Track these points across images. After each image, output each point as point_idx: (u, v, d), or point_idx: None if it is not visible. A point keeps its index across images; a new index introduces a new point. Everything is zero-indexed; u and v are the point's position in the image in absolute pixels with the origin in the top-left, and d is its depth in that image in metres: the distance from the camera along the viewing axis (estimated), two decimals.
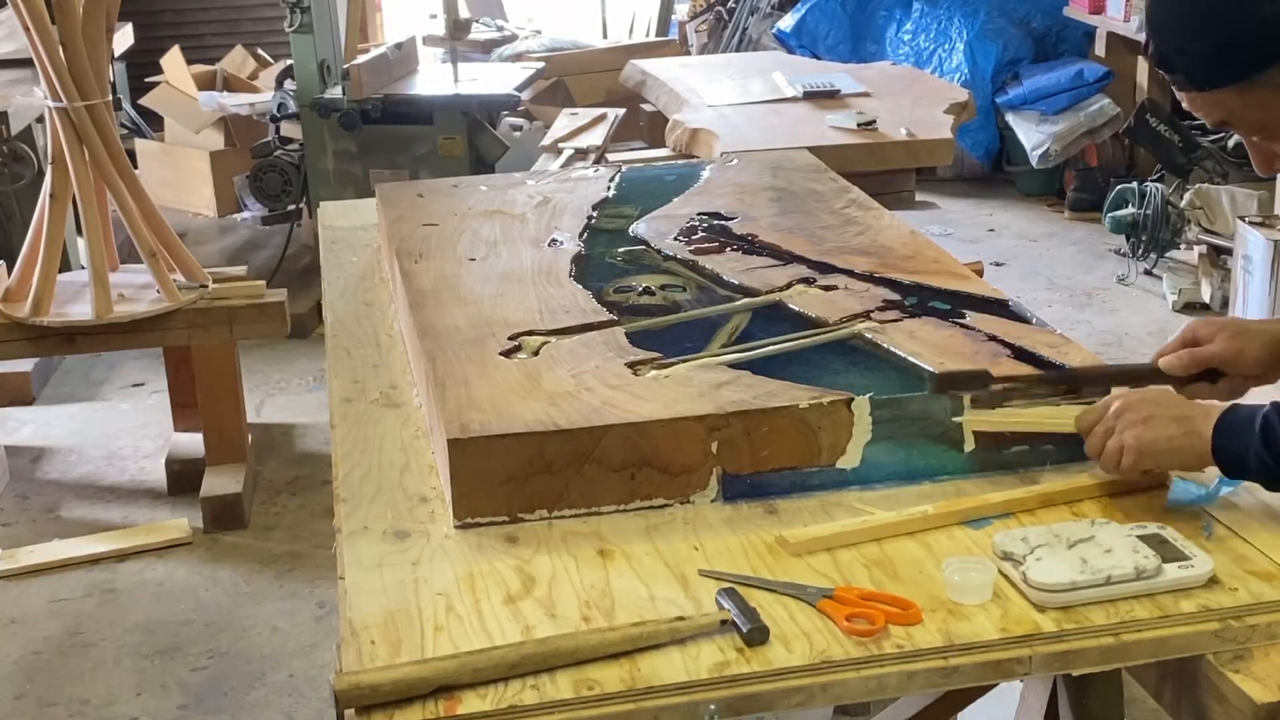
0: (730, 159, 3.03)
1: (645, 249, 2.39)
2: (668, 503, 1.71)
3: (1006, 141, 6.66)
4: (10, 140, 4.60)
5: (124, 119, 6.39)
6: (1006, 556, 1.54)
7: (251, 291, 3.88)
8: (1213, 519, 1.65)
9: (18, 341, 3.78)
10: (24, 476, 4.26)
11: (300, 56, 5.11)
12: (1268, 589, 1.51)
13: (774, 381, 1.79)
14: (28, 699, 3.17)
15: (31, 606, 3.53)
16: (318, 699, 3.12)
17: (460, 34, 5.34)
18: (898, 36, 6.98)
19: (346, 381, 2.12)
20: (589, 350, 1.93)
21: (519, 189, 2.77)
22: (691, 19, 7.90)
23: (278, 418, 4.61)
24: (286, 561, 3.71)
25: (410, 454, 1.88)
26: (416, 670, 1.38)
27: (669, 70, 5.10)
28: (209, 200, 6.61)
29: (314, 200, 4.90)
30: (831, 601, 1.49)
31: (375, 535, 1.68)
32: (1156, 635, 1.47)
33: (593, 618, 1.49)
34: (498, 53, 7.19)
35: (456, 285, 2.21)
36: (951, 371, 1.78)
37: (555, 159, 4.75)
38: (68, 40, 3.61)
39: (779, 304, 2.11)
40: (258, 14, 7.90)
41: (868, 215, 2.53)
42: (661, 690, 1.38)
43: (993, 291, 2.11)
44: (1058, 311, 5.23)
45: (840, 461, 1.74)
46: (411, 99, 5.13)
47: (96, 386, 4.91)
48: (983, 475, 1.77)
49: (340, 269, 2.64)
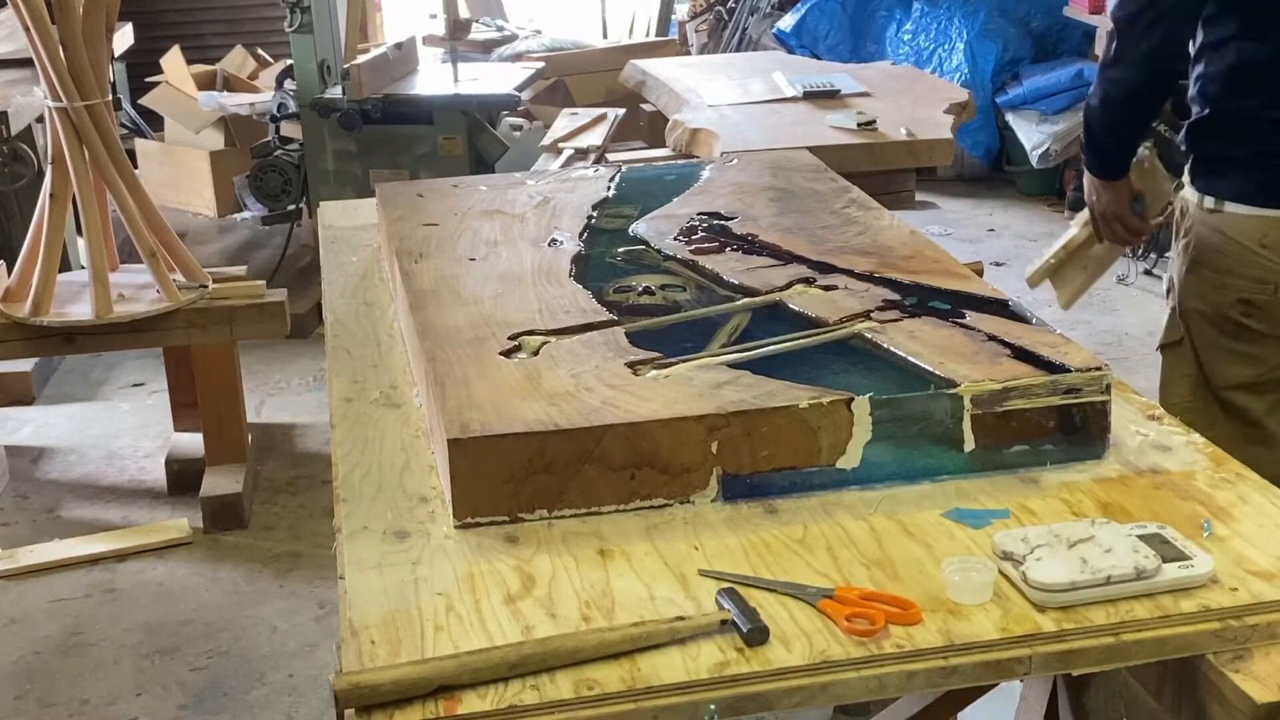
0: (730, 159, 3.03)
1: (645, 249, 2.39)
2: (668, 503, 1.71)
3: (1006, 141, 6.66)
4: (10, 140, 4.61)
5: (124, 119, 6.39)
6: (1006, 556, 1.54)
7: (251, 291, 3.88)
8: (1212, 519, 1.65)
9: (18, 341, 3.78)
10: (24, 476, 4.26)
11: (300, 56, 5.11)
12: (1268, 589, 1.51)
13: (774, 381, 1.79)
14: (28, 699, 3.17)
15: (31, 606, 3.53)
16: (318, 699, 3.12)
17: (460, 34, 5.34)
18: (898, 36, 6.98)
19: (346, 381, 2.12)
20: (589, 350, 1.93)
21: (519, 189, 2.77)
22: (691, 19, 7.90)
23: (278, 418, 4.61)
24: (286, 561, 3.71)
25: (410, 454, 1.88)
26: (416, 670, 1.38)
27: (669, 70, 5.10)
28: (209, 200, 6.61)
29: (314, 200, 4.90)
30: (831, 601, 1.49)
31: (375, 535, 1.68)
32: (1156, 635, 1.47)
33: (593, 618, 1.49)
34: (498, 53, 7.20)
35: (456, 285, 2.21)
36: None
37: (555, 159, 4.75)
38: (68, 40, 3.61)
39: (779, 304, 2.10)
40: (258, 14, 7.90)
41: (868, 215, 2.52)
42: (661, 690, 1.38)
43: (993, 291, 2.11)
44: (1058, 311, 5.21)
45: (840, 461, 1.74)
46: (411, 99, 5.13)
47: (96, 386, 4.91)
48: (983, 475, 1.77)
49: (340, 269, 2.64)
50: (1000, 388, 1.77)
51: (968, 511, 1.69)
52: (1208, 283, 2.49)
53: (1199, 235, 2.50)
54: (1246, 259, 2.44)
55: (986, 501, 1.71)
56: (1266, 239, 2.42)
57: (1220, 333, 2.51)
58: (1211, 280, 2.48)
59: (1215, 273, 2.47)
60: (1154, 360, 2.78)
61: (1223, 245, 2.46)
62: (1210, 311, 2.52)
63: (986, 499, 1.72)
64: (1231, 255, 2.46)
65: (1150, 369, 4.71)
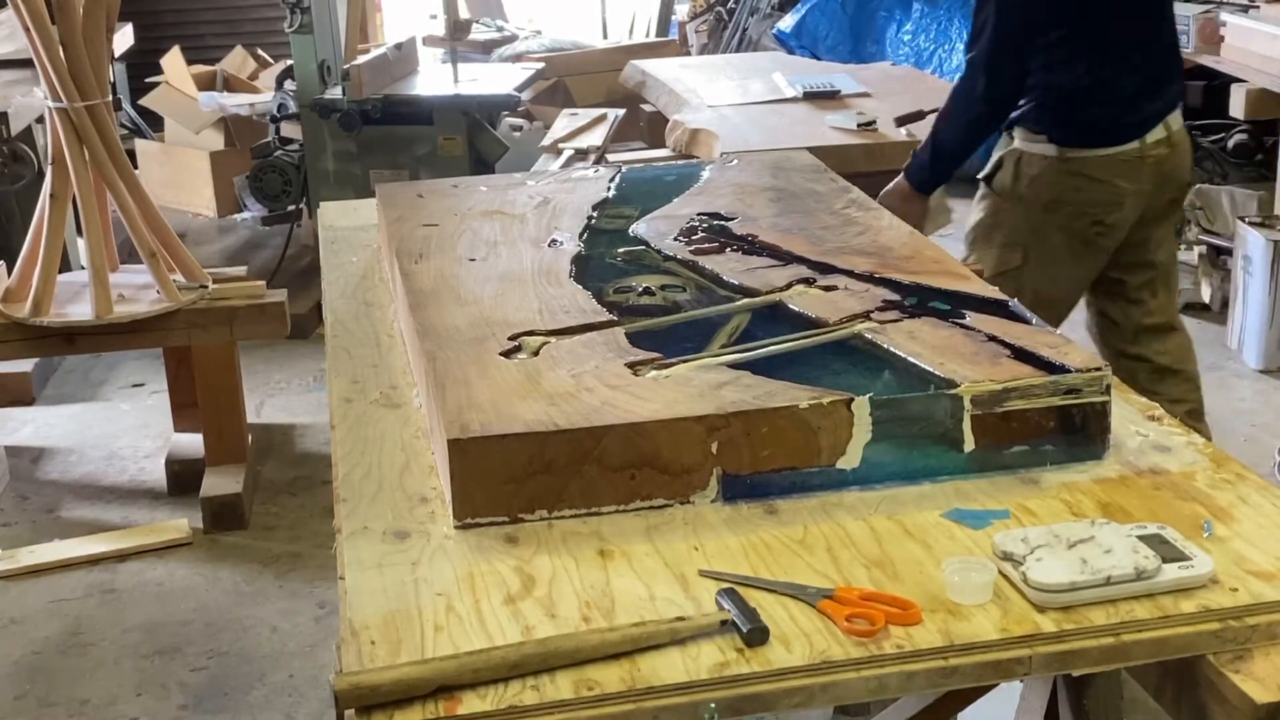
0: (730, 159, 3.03)
1: (645, 249, 2.39)
2: (668, 503, 1.71)
3: None
4: (10, 140, 4.61)
5: (124, 119, 6.39)
6: (1006, 556, 1.54)
7: (251, 292, 3.88)
8: (1212, 519, 1.65)
9: (18, 341, 3.78)
10: (24, 476, 4.26)
11: (300, 57, 5.11)
12: (1268, 589, 1.51)
13: (774, 381, 1.79)
14: (28, 699, 3.17)
15: (31, 606, 3.53)
16: (318, 699, 3.12)
17: (460, 34, 5.34)
18: (898, 37, 6.98)
19: (346, 381, 2.12)
20: (589, 350, 1.93)
21: (519, 189, 2.77)
22: (691, 19, 7.90)
23: (278, 418, 4.61)
24: (286, 561, 3.71)
25: (410, 454, 1.88)
26: (416, 670, 1.38)
27: (669, 70, 5.10)
28: (209, 200, 6.61)
29: (314, 200, 4.90)
30: (831, 601, 1.49)
31: (375, 535, 1.68)
32: (1156, 635, 1.47)
33: (593, 618, 1.49)
34: (498, 53, 7.20)
35: (456, 285, 2.21)
36: None
37: (555, 159, 4.76)
38: (68, 40, 3.61)
39: (779, 304, 2.10)
40: (258, 14, 7.90)
41: (868, 215, 2.53)
42: (661, 690, 1.38)
43: (993, 291, 2.11)
44: None
45: (840, 461, 1.74)
46: (411, 99, 5.13)
47: (96, 386, 4.91)
48: (982, 475, 1.77)
49: (340, 269, 2.64)
50: (1000, 388, 1.77)
51: (968, 512, 1.69)
52: (1065, 215, 3.15)
53: (1059, 182, 3.14)
54: (1101, 188, 3.13)
55: (986, 502, 1.71)
56: (1114, 170, 3.12)
57: (1069, 251, 3.19)
58: (1069, 212, 3.15)
59: (1075, 205, 3.13)
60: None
61: (1082, 184, 3.13)
62: (1065, 238, 3.17)
63: (986, 499, 1.72)
64: (1087, 189, 3.13)
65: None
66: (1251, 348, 4.73)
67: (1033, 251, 3.19)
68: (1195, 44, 5.32)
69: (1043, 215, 3.18)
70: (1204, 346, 4.88)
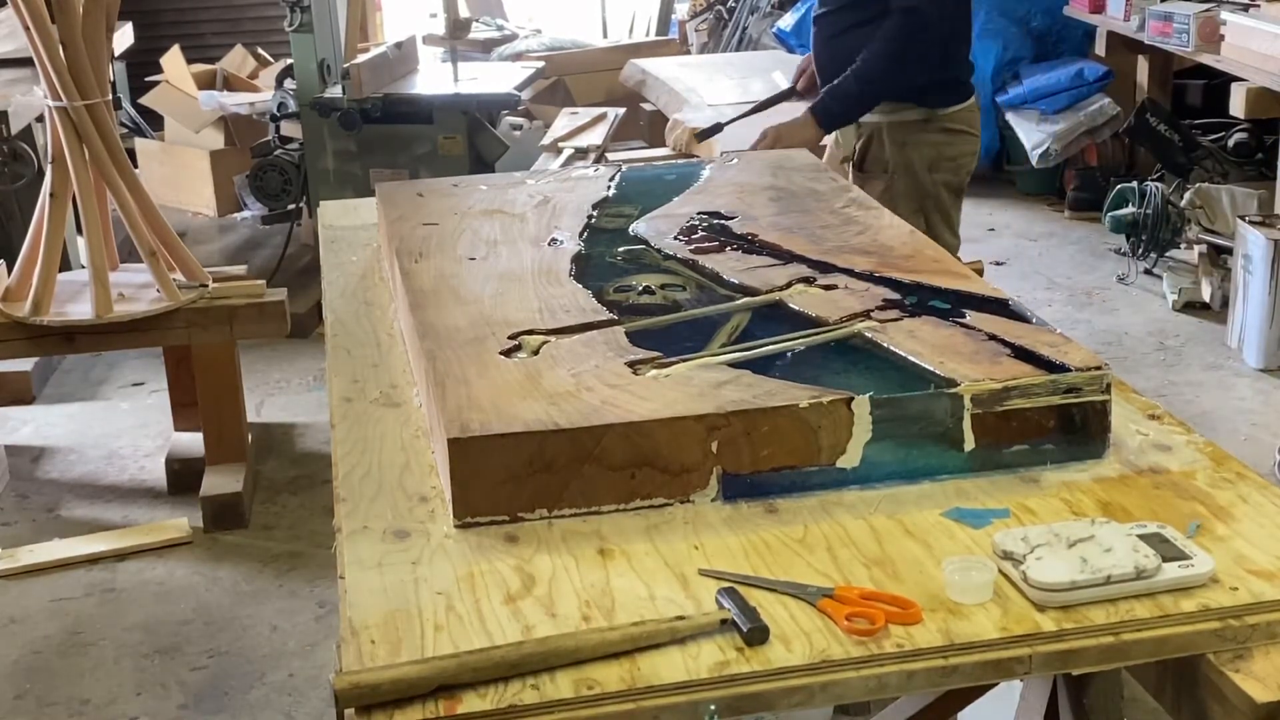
0: (730, 158, 3.03)
1: (645, 248, 2.39)
2: (668, 502, 1.71)
3: (1006, 141, 6.66)
4: (10, 140, 4.61)
5: (124, 119, 6.40)
6: (1006, 556, 1.54)
7: (251, 291, 3.88)
8: (1207, 517, 1.65)
9: (18, 341, 3.78)
10: (24, 476, 4.26)
11: (300, 56, 5.11)
12: (1268, 589, 1.51)
13: (774, 381, 1.79)
14: (28, 699, 3.17)
15: (31, 606, 3.53)
16: (318, 699, 3.12)
17: (460, 33, 5.34)
18: None
19: (346, 381, 2.12)
20: (589, 350, 1.93)
21: (519, 189, 2.77)
22: (691, 18, 7.90)
23: (278, 417, 4.61)
24: (286, 561, 3.71)
25: (410, 454, 1.88)
26: (416, 670, 1.38)
27: (669, 70, 5.11)
28: (209, 200, 6.62)
29: (314, 200, 4.90)
30: (831, 601, 1.49)
31: (375, 535, 1.68)
32: (1156, 635, 1.47)
33: (593, 617, 1.49)
34: (498, 52, 7.20)
35: (456, 285, 2.21)
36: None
37: (555, 158, 4.76)
38: (68, 40, 3.61)
39: (779, 303, 2.10)
40: (258, 14, 7.90)
41: (868, 215, 2.53)
42: (661, 690, 1.38)
43: (993, 291, 2.11)
44: (1058, 311, 5.24)
45: (840, 461, 1.74)
46: (411, 98, 5.13)
47: (96, 386, 4.91)
48: (982, 475, 1.77)
49: (340, 269, 2.64)
50: (1000, 387, 1.77)
51: (968, 511, 1.69)
52: (947, 170, 3.41)
53: (933, 141, 3.40)
54: (966, 140, 3.46)
55: (986, 501, 1.71)
56: (970, 121, 3.47)
57: (954, 205, 3.49)
58: (949, 166, 3.43)
59: (951, 159, 3.42)
60: (1154, 360, 2.81)
61: (953, 139, 3.43)
62: (948, 192, 3.44)
63: (986, 499, 1.72)
64: (958, 142, 3.44)
65: (1150, 368, 4.73)
66: (1252, 347, 4.73)
67: (932, 213, 3.42)
68: (1195, 43, 5.31)
69: (929, 175, 3.41)
70: (1204, 345, 4.90)
